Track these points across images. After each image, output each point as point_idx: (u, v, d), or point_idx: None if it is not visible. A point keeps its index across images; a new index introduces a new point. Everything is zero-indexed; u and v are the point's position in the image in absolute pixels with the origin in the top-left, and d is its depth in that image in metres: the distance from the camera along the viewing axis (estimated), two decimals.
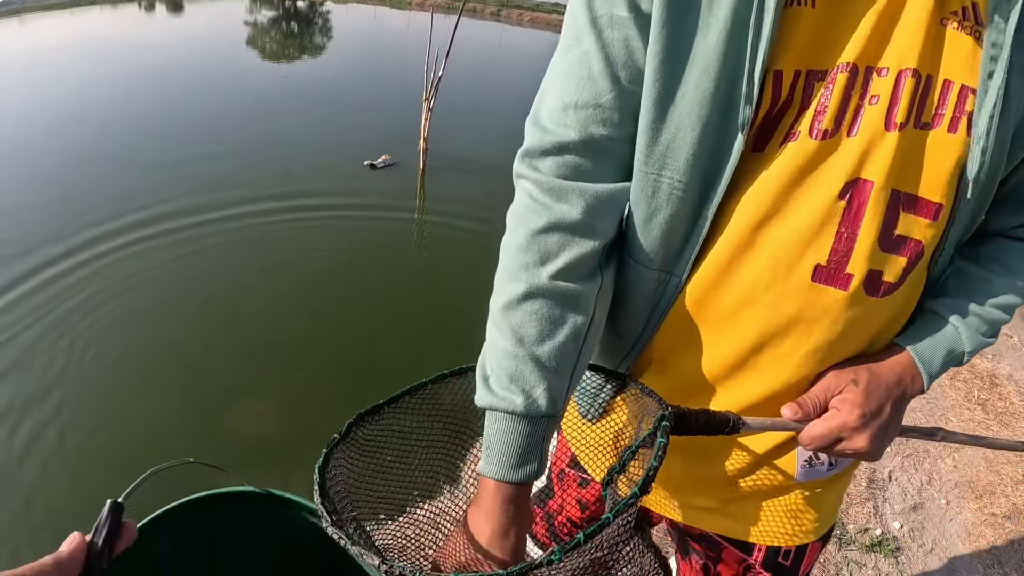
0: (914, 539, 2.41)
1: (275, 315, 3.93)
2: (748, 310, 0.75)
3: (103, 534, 0.49)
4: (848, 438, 0.77)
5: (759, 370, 0.79)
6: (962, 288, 0.82)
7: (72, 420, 3.12)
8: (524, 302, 0.73)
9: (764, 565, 0.97)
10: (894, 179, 0.68)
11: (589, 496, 1.08)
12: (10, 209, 4.66)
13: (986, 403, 3.10)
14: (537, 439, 0.72)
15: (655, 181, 0.73)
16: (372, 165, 5.41)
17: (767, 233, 0.72)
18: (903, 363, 0.79)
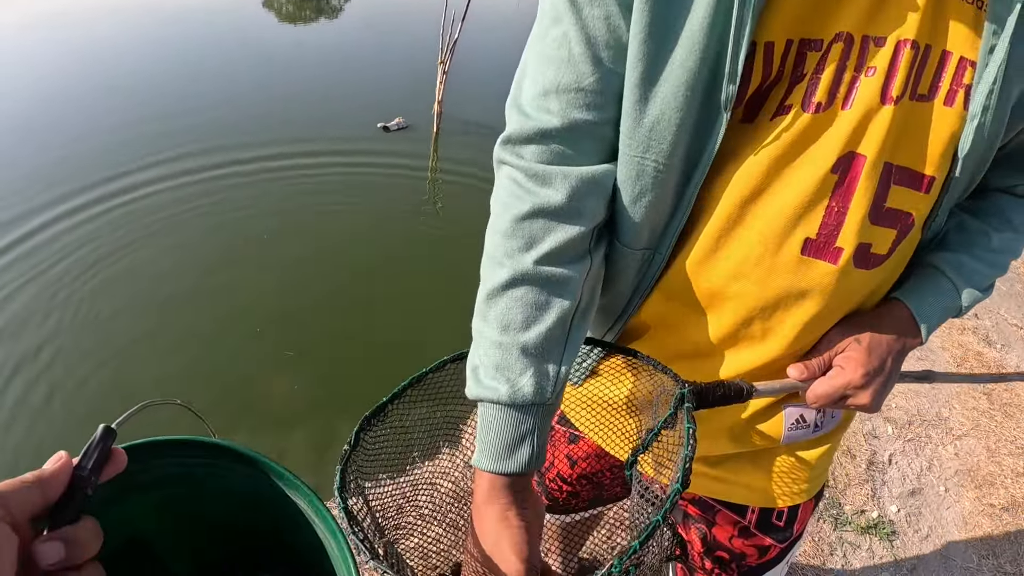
0: (910, 524, 2.41)
1: (281, 270, 3.88)
2: (738, 284, 0.75)
3: (93, 457, 0.47)
4: (853, 395, 0.80)
5: (751, 342, 0.80)
6: (962, 242, 0.83)
7: (64, 375, 3.12)
8: (508, 289, 0.71)
9: (758, 526, 0.99)
10: (887, 152, 0.68)
11: (578, 452, 1.09)
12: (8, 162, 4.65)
13: (991, 393, 3.08)
14: (527, 428, 0.69)
15: (639, 163, 0.72)
16: (385, 127, 5.36)
17: (757, 208, 0.72)
18: (903, 318, 0.81)
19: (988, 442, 2.82)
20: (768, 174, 0.70)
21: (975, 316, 3.59)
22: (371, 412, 0.77)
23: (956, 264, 0.82)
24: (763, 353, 0.81)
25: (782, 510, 0.98)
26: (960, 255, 0.82)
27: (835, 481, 2.50)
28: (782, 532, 1.00)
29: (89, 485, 0.47)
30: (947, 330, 3.46)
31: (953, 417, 2.92)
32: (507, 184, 0.74)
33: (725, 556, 1.03)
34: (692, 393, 0.73)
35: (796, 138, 0.68)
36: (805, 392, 0.82)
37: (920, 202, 0.73)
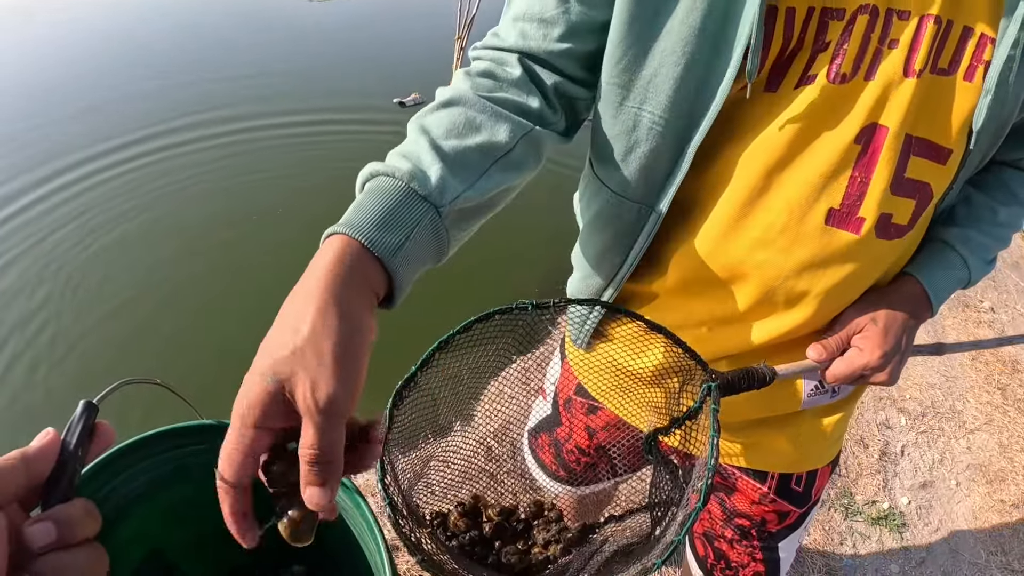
0: (920, 517, 2.39)
1: (284, 238, 3.86)
2: (762, 253, 0.76)
3: (76, 434, 0.45)
4: (871, 374, 0.82)
5: (772, 311, 0.81)
6: (969, 216, 0.86)
7: (62, 351, 3.10)
8: (443, 108, 0.70)
9: (778, 492, 1.01)
10: (908, 124, 0.69)
11: (597, 423, 1.09)
12: None
13: (1006, 388, 3.04)
14: (412, 216, 0.60)
15: (635, 115, 0.73)
16: (401, 103, 5.34)
17: (783, 177, 0.72)
18: (915, 294, 0.84)
19: (1001, 437, 2.80)
20: (794, 143, 0.70)
21: (991, 310, 3.55)
22: (401, 384, 0.72)
23: (964, 239, 0.84)
24: (784, 323, 0.81)
25: (801, 475, 1.00)
26: (967, 230, 0.85)
27: (847, 471, 2.48)
28: (801, 497, 1.01)
29: (77, 460, 0.45)
30: (963, 323, 3.42)
31: (967, 411, 2.89)
32: (470, 69, 0.77)
33: (746, 523, 1.04)
34: (719, 389, 0.71)
35: (821, 108, 0.68)
36: (824, 372, 0.83)
37: (938, 173, 0.74)
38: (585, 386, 1.06)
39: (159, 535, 0.88)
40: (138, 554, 0.87)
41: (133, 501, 0.82)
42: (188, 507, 0.88)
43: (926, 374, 3.01)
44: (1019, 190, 0.87)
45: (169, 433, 0.81)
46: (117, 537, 0.81)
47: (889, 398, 2.85)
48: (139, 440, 0.80)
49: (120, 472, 0.80)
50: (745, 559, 1.06)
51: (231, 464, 0.49)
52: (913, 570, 2.20)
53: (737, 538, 1.06)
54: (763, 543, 1.05)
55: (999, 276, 3.87)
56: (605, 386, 1.00)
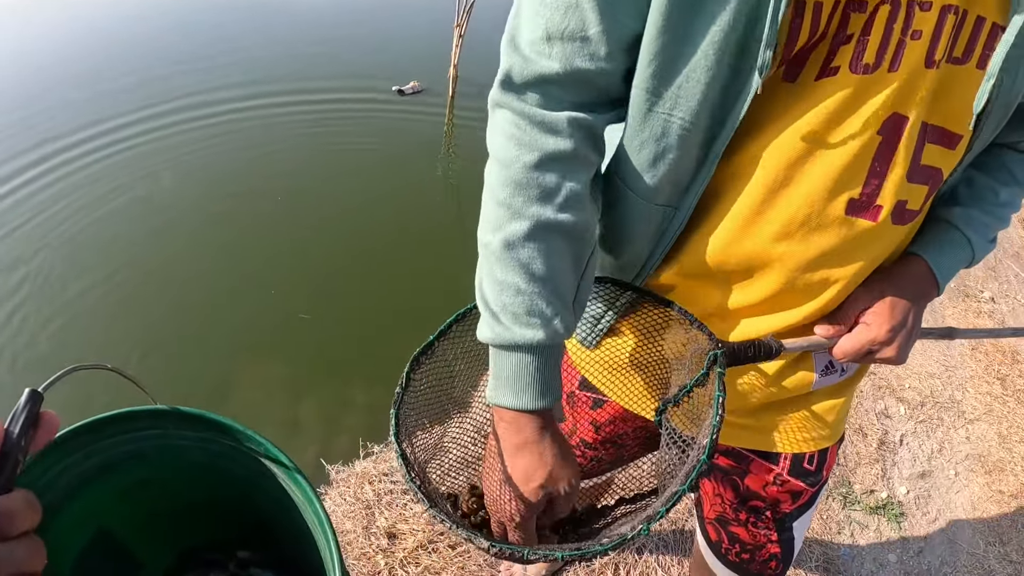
0: (919, 506, 2.38)
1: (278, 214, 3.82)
2: (783, 245, 0.76)
3: (19, 422, 0.44)
4: (879, 350, 0.84)
5: (792, 299, 0.82)
6: (971, 197, 0.88)
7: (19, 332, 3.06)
8: (530, 240, 0.72)
9: (791, 472, 1.01)
10: (925, 113, 0.70)
11: (602, 417, 1.08)
12: None
13: (1006, 379, 3.03)
14: (557, 363, 0.74)
15: (665, 121, 0.71)
16: (401, 91, 5.30)
17: (805, 168, 0.72)
18: (921, 272, 0.85)
19: (1000, 428, 2.79)
20: (815, 136, 0.70)
21: (992, 300, 3.54)
22: (420, 350, 0.82)
23: (967, 218, 0.86)
24: (801, 312, 0.82)
25: (812, 454, 1.01)
26: (970, 209, 0.86)
27: (846, 459, 2.47)
28: (813, 476, 1.02)
29: (20, 451, 0.43)
30: (963, 313, 3.41)
31: (966, 401, 2.88)
32: (509, 129, 0.73)
33: (760, 504, 1.05)
34: (724, 355, 0.75)
35: (845, 99, 0.68)
36: (832, 349, 0.85)
37: (948, 158, 0.75)
38: (589, 379, 1.05)
39: (108, 515, 0.86)
40: (87, 534, 0.85)
41: (83, 482, 0.80)
42: (142, 488, 0.86)
43: (925, 363, 3.00)
44: (1018, 171, 0.89)
45: (121, 417, 0.79)
46: (64, 520, 0.80)
47: (888, 387, 2.83)
48: (90, 423, 0.78)
49: (71, 453, 0.78)
50: (761, 540, 1.07)
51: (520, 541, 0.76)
52: (911, 560, 2.19)
53: (752, 520, 1.06)
54: (778, 524, 1.06)
55: (1000, 267, 3.86)
56: (610, 378, 1.01)
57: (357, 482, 2.09)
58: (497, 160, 0.74)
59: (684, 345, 0.82)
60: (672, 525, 2.06)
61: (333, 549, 0.68)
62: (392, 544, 1.91)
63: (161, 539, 0.95)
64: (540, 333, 0.71)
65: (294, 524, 0.81)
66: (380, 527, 1.94)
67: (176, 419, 0.80)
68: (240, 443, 0.78)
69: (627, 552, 1.97)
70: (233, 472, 0.83)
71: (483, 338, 0.74)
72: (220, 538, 0.99)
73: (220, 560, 1.01)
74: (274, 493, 0.80)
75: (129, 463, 0.83)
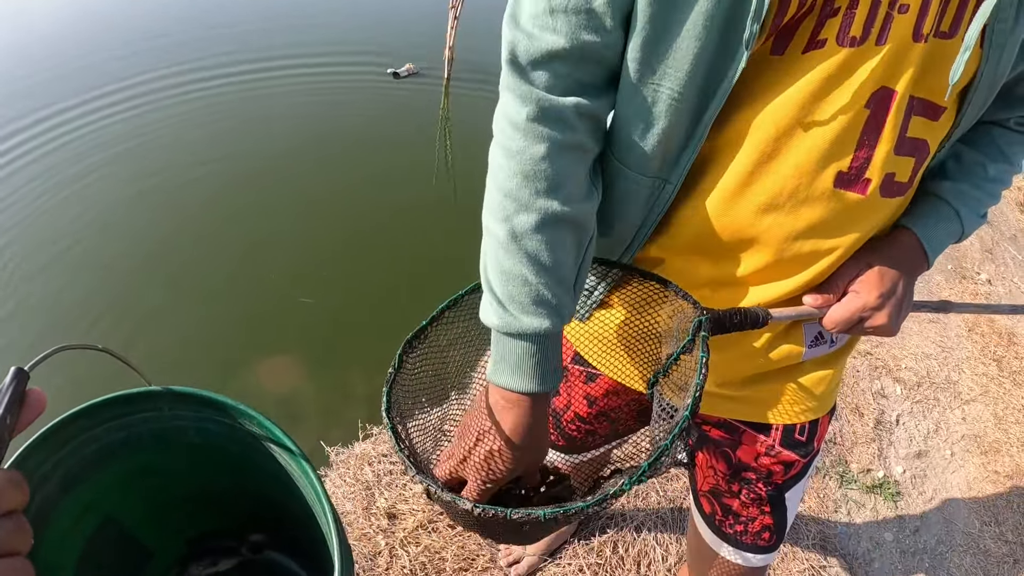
0: (915, 486, 2.39)
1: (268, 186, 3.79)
2: (770, 217, 0.76)
3: (4, 401, 0.43)
4: (869, 317, 0.83)
5: (781, 271, 0.82)
6: (960, 171, 0.88)
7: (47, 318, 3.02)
8: (537, 232, 0.72)
9: (782, 443, 1.02)
10: (913, 86, 0.70)
11: (596, 391, 1.09)
12: None
13: (1001, 360, 3.05)
14: (559, 348, 0.76)
15: (655, 91, 0.71)
16: (395, 74, 5.26)
17: (792, 141, 0.73)
18: (910, 244, 0.86)
19: (996, 409, 2.80)
20: (803, 108, 0.70)
21: (988, 282, 3.55)
22: (412, 335, 0.83)
23: (956, 192, 0.87)
24: (789, 284, 0.83)
25: (804, 425, 1.02)
26: (959, 183, 0.87)
27: (842, 439, 2.48)
28: (804, 447, 1.03)
29: (5, 429, 0.42)
30: (960, 295, 3.42)
31: (962, 381, 2.89)
32: (516, 117, 0.72)
33: (752, 476, 1.05)
34: (710, 321, 0.77)
35: (832, 72, 0.68)
36: (821, 319, 0.85)
37: (932, 130, 0.75)
38: (582, 354, 1.06)
39: (113, 504, 0.86)
40: (92, 523, 0.85)
41: (83, 470, 0.80)
42: (143, 477, 0.86)
43: (922, 344, 3.01)
44: (1007, 148, 0.89)
45: (116, 400, 0.79)
46: (68, 507, 0.80)
47: (885, 367, 2.85)
48: (85, 408, 0.78)
49: (68, 441, 0.78)
50: (753, 512, 1.07)
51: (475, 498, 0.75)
52: (907, 538, 2.21)
53: (745, 491, 1.07)
54: (770, 494, 1.06)
55: (997, 248, 3.86)
56: (603, 352, 1.02)
57: (357, 464, 2.09)
58: (503, 148, 0.73)
59: (671, 317, 0.83)
60: (670, 503, 2.07)
61: (330, 518, 0.68)
62: (392, 524, 1.92)
63: (170, 527, 0.96)
64: (546, 322, 0.72)
65: (297, 503, 0.82)
66: (380, 508, 1.95)
67: (170, 399, 0.80)
68: (235, 420, 0.78)
69: (626, 530, 1.98)
70: (231, 452, 0.83)
71: (488, 323, 0.74)
72: (228, 524, 0.99)
73: (232, 546, 1.01)
74: (272, 470, 0.80)
75: (126, 449, 0.83)
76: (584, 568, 1.87)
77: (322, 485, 0.71)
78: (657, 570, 1.90)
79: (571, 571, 1.86)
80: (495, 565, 1.86)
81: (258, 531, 1.01)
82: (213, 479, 0.87)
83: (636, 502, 2.07)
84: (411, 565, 1.81)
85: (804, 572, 2.00)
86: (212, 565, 1.00)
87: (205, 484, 0.89)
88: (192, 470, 0.87)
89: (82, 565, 0.83)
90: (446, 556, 1.85)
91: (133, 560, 0.94)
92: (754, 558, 1.10)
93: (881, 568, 2.09)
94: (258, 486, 0.86)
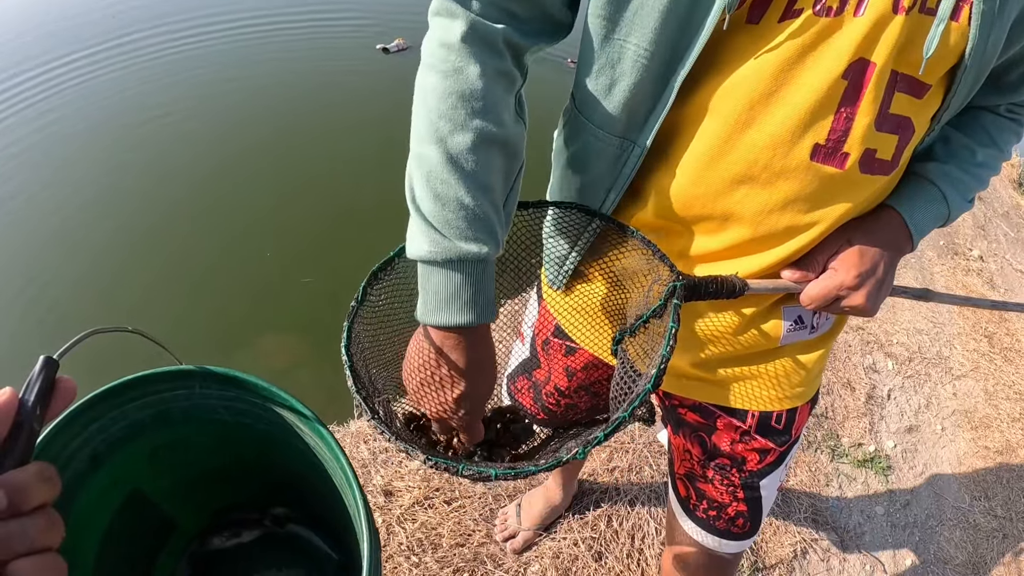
0: (906, 460, 2.42)
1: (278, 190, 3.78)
2: (744, 188, 0.76)
3: (35, 390, 0.43)
4: (846, 296, 0.83)
5: (757, 245, 0.82)
6: (949, 154, 0.87)
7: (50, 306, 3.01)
8: (473, 153, 0.70)
9: (758, 430, 1.01)
10: (894, 60, 0.69)
11: (576, 364, 1.09)
12: None
13: (993, 336, 3.07)
14: (493, 279, 0.73)
15: (620, 47, 0.72)
16: (385, 49, 5.22)
17: (768, 110, 0.72)
18: (894, 223, 0.84)
19: (987, 385, 2.83)
20: (777, 76, 0.70)
21: (981, 259, 3.56)
22: (378, 266, 0.80)
23: (943, 174, 0.86)
24: (767, 258, 0.82)
25: (781, 413, 1.00)
26: (946, 166, 0.86)
27: (834, 413, 2.50)
28: (781, 435, 1.01)
29: (35, 420, 0.42)
30: (952, 271, 3.44)
31: (954, 357, 2.92)
32: (451, 40, 0.72)
33: (726, 462, 1.05)
34: (684, 288, 0.75)
35: (807, 42, 0.68)
36: (799, 295, 0.84)
37: (917, 108, 0.74)
38: (562, 326, 1.06)
39: (140, 478, 0.87)
40: (119, 497, 0.86)
41: (110, 447, 0.81)
42: (170, 451, 0.87)
43: (914, 319, 3.02)
44: (997, 134, 0.89)
45: (145, 379, 0.79)
46: (96, 483, 0.80)
47: (876, 342, 2.86)
48: (114, 387, 0.78)
49: (98, 418, 0.78)
50: (727, 498, 1.06)
51: None
52: (898, 512, 2.23)
53: (718, 477, 1.06)
54: (744, 482, 1.05)
55: (989, 226, 3.88)
56: (582, 325, 1.01)
57: (352, 441, 2.10)
58: (436, 71, 0.72)
59: (646, 276, 0.81)
60: (663, 477, 2.09)
61: (358, 496, 0.69)
62: (389, 501, 1.93)
63: (194, 500, 0.96)
64: (485, 247, 0.69)
65: (320, 479, 0.82)
66: (376, 485, 1.96)
67: (202, 378, 0.80)
68: (264, 399, 0.79)
69: (620, 504, 2.00)
70: (257, 429, 0.83)
71: (420, 254, 0.70)
72: (251, 498, 1.00)
73: (254, 518, 1.02)
74: (299, 447, 0.81)
75: (155, 425, 0.83)
76: (579, 542, 1.89)
77: (349, 463, 0.71)
78: (651, 543, 1.92)
79: (566, 545, 1.88)
80: (491, 540, 1.88)
81: (281, 505, 1.02)
82: (239, 454, 0.88)
83: (630, 476, 2.08)
84: (408, 541, 1.83)
85: (795, 545, 2.02)
86: (235, 537, 1.01)
87: (230, 459, 0.90)
88: (219, 445, 0.87)
89: (107, 539, 0.84)
90: (442, 532, 1.86)
91: (157, 532, 0.94)
92: (727, 544, 1.10)
93: (872, 541, 2.12)
94: (283, 461, 0.86)
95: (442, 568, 1.79)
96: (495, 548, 1.87)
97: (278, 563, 1.01)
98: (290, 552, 1.02)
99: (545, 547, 1.88)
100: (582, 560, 1.86)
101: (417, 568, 1.78)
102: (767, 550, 2.00)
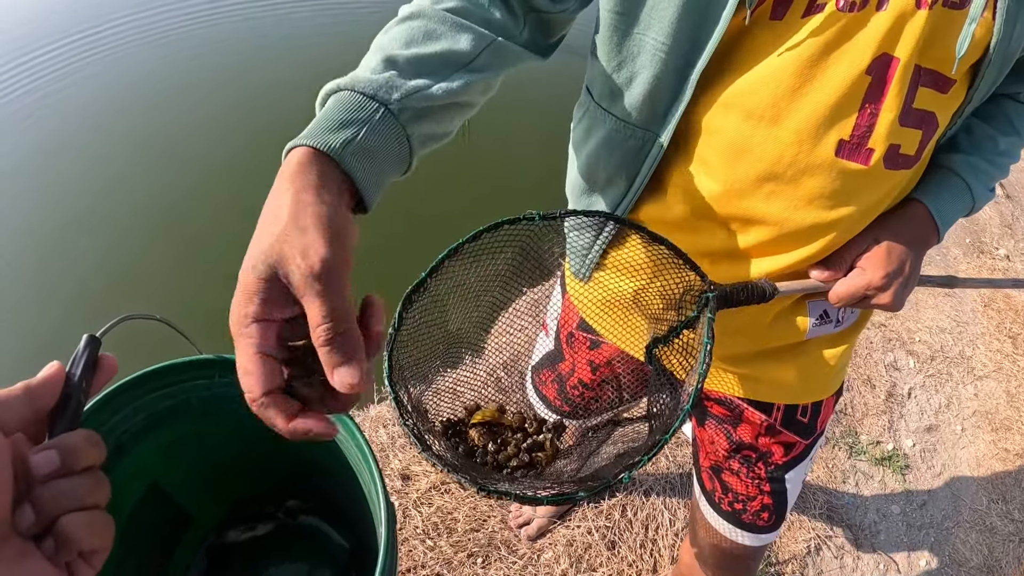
0: (924, 460, 2.40)
1: None
2: (769, 185, 0.75)
3: (80, 366, 0.46)
4: (874, 295, 0.83)
5: (784, 243, 0.81)
6: (972, 144, 0.87)
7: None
8: (401, 23, 0.69)
9: (784, 423, 1.01)
10: (918, 55, 0.69)
11: (600, 358, 1.09)
12: None
13: (1016, 337, 3.03)
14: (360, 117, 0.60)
15: (639, 41, 0.72)
16: None
17: (792, 106, 0.71)
18: (920, 216, 0.85)
19: (1009, 386, 2.79)
20: (801, 73, 0.69)
21: (1007, 258, 3.51)
22: (411, 288, 0.75)
23: (968, 165, 0.86)
24: (792, 256, 0.82)
25: (806, 406, 1.01)
26: (971, 157, 0.86)
27: (853, 410, 2.49)
28: (806, 428, 1.02)
29: (81, 392, 0.46)
30: (978, 270, 3.39)
31: (976, 357, 2.88)
32: None
33: (752, 455, 1.05)
34: (716, 299, 0.74)
35: (831, 37, 0.68)
36: (827, 294, 0.84)
37: (942, 103, 0.74)
38: (587, 320, 1.06)
39: (159, 470, 0.89)
40: (139, 489, 0.87)
41: (132, 438, 0.83)
42: (187, 444, 0.88)
43: (937, 318, 2.99)
44: (1018, 122, 0.88)
45: (166, 369, 0.81)
46: (118, 473, 0.82)
47: (899, 340, 2.84)
48: (137, 377, 0.80)
49: (119, 409, 0.80)
50: (753, 491, 1.07)
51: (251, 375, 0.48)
52: (914, 512, 2.22)
53: (744, 470, 1.07)
54: (770, 475, 1.05)
55: (1016, 224, 3.82)
56: (607, 319, 1.01)
57: (371, 426, 2.12)
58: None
59: (676, 284, 0.81)
60: (679, 469, 2.09)
61: (375, 470, 0.69)
62: (406, 485, 1.95)
63: (210, 492, 0.98)
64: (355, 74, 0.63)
65: (336, 462, 0.83)
66: (394, 469, 1.98)
67: (221, 367, 0.81)
68: None
69: (635, 494, 2.01)
70: None
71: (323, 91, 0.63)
72: (266, 490, 1.02)
73: (269, 512, 1.04)
74: None
75: (174, 416, 0.85)
76: (593, 530, 1.90)
77: (367, 443, 0.72)
78: (664, 534, 1.93)
79: (580, 533, 1.90)
80: (506, 526, 1.90)
81: (293, 497, 1.03)
82: (255, 445, 0.89)
83: (646, 467, 2.09)
84: (424, 525, 1.85)
85: (810, 541, 2.03)
86: (250, 530, 1.03)
87: (246, 450, 0.91)
88: (235, 436, 0.88)
89: (127, 532, 0.85)
90: (458, 517, 1.88)
91: (174, 525, 0.96)
92: (752, 537, 1.10)
93: (887, 540, 2.12)
94: (297, 449, 0.88)
95: (456, 552, 1.81)
96: (509, 534, 1.89)
97: (292, 555, 1.03)
98: (303, 543, 1.04)
99: (559, 535, 1.89)
100: (595, 548, 1.87)
101: (432, 551, 1.80)
102: (780, 545, 2.01)
